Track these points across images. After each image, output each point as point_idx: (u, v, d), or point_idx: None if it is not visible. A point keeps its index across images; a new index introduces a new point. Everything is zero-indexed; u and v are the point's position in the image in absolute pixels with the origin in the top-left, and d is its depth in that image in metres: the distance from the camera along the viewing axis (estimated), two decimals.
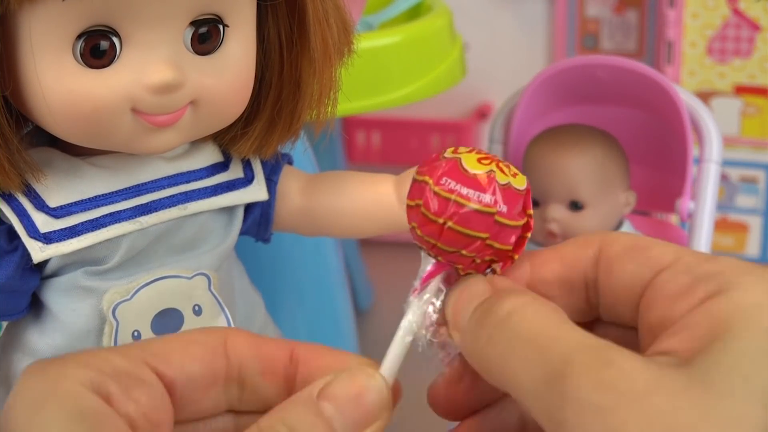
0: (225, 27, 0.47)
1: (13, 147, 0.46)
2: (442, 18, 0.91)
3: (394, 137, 1.44)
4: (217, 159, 0.54)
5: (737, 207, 1.33)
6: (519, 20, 1.32)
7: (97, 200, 0.50)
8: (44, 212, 0.48)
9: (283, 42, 0.51)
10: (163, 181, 0.51)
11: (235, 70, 0.48)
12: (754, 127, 1.27)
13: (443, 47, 0.89)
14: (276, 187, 0.56)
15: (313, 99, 0.52)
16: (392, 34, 0.85)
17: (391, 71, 0.83)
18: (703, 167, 0.93)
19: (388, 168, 0.74)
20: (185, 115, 0.47)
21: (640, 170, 0.98)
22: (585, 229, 0.89)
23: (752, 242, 1.34)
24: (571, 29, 1.32)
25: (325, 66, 0.51)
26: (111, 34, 0.44)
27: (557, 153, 0.90)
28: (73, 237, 0.49)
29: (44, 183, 0.48)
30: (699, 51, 1.24)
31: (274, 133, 0.53)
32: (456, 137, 1.40)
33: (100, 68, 0.44)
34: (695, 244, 0.91)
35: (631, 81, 0.95)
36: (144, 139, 0.47)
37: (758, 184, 1.31)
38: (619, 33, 1.32)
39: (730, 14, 1.22)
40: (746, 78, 1.24)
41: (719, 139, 0.94)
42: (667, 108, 0.93)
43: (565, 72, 0.98)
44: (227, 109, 0.49)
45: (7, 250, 0.48)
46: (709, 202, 0.92)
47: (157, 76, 0.45)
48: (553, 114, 1.01)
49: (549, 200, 0.90)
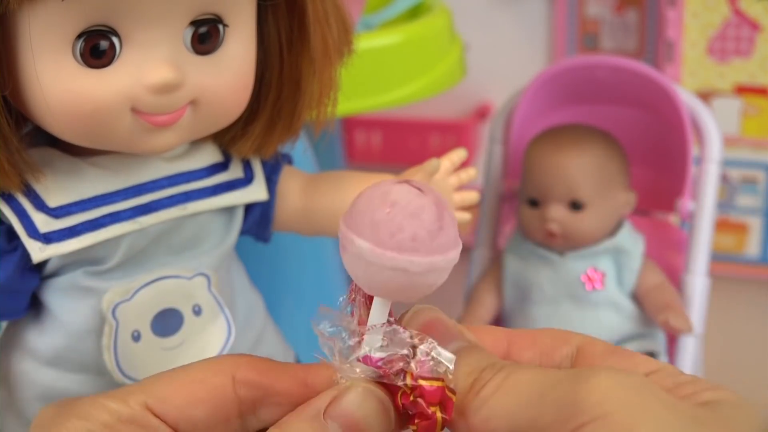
0: (225, 27, 0.47)
1: (12, 147, 0.46)
2: (442, 18, 0.91)
3: (394, 137, 1.44)
4: (217, 159, 0.54)
5: (737, 207, 1.33)
6: (519, 20, 1.32)
7: (97, 200, 0.49)
8: (44, 212, 0.48)
9: (283, 42, 0.51)
10: (162, 181, 0.51)
11: (235, 70, 0.48)
12: (755, 127, 1.27)
13: (443, 47, 0.89)
14: (276, 187, 0.56)
15: (313, 99, 0.52)
16: (392, 34, 0.85)
17: (391, 71, 0.83)
18: (704, 167, 0.93)
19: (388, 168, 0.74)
20: (185, 115, 0.47)
21: (640, 170, 0.98)
22: (585, 229, 0.89)
23: (752, 242, 1.34)
24: (571, 29, 1.32)
25: (325, 66, 0.51)
26: (111, 33, 0.44)
27: (557, 153, 0.90)
28: (73, 237, 0.49)
29: (44, 183, 0.48)
30: (699, 51, 1.24)
31: (274, 133, 0.53)
32: (456, 137, 1.39)
33: (99, 68, 0.44)
34: (695, 244, 0.91)
35: (631, 81, 0.95)
36: (144, 139, 0.47)
37: (758, 184, 1.31)
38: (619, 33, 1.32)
39: (731, 14, 1.22)
40: (746, 78, 1.24)
41: (719, 139, 0.94)
42: (668, 108, 0.94)
43: (566, 72, 0.98)
44: (227, 109, 0.49)
45: (6, 250, 0.48)
46: (709, 202, 0.92)
47: (157, 75, 0.45)
48: (553, 114, 1.01)
49: (549, 200, 0.90)
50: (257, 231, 0.57)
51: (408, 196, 0.28)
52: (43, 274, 0.50)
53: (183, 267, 0.52)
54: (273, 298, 0.64)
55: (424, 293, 0.29)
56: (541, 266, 0.92)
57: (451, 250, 0.28)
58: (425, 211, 0.28)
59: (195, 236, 0.53)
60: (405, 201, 0.28)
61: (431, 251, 0.28)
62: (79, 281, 0.50)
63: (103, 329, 0.50)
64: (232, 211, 0.55)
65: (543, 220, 0.89)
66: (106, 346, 0.50)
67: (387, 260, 0.28)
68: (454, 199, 0.57)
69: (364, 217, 0.28)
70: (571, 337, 0.31)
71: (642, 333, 0.92)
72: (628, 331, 0.91)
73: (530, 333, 0.32)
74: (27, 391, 0.53)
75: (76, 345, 0.51)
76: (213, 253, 0.53)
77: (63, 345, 0.51)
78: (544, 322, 0.91)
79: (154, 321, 0.51)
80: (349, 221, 0.29)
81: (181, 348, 0.52)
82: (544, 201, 0.90)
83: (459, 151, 0.58)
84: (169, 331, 0.52)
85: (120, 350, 0.50)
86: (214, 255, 0.53)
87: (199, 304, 0.52)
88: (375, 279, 0.28)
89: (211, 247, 0.53)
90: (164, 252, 0.52)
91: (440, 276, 0.29)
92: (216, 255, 0.53)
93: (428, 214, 0.28)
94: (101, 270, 0.50)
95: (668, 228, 1.03)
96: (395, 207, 0.28)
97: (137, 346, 0.51)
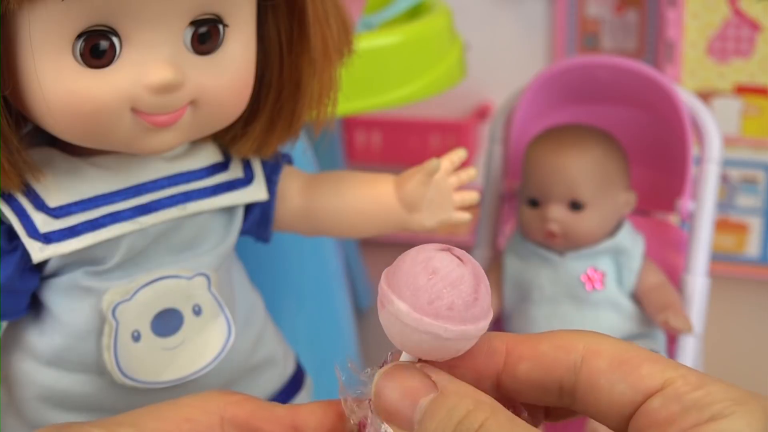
0: (225, 27, 0.47)
1: (12, 147, 0.46)
2: (442, 18, 0.91)
3: (394, 137, 1.44)
4: (217, 159, 0.54)
5: (737, 207, 1.33)
6: (519, 20, 1.32)
7: (97, 200, 0.49)
8: (44, 212, 0.48)
9: (283, 42, 0.51)
10: (162, 181, 0.51)
11: (235, 70, 0.48)
12: (755, 127, 1.27)
13: (443, 47, 0.89)
14: (276, 187, 0.56)
15: (313, 99, 0.52)
16: (392, 34, 0.85)
17: (391, 71, 0.83)
18: (704, 167, 0.93)
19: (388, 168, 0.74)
20: (185, 115, 0.47)
21: (640, 170, 0.98)
22: (585, 229, 0.89)
23: (752, 242, 1.34)
24: (571, 29, 1.32)
25: (325, 66, 0.51)
26: (111, 33, 0.44)
27: (557, 153, 0.90)
28: (73, 237, 0.49)
29: (44, 183, 0.48)
30: (699, 51, 1.24)
31: (274, 133, 0.53)
32: (456, 137, 1.39)
33: (99, 68, 0.44)
34: (695, 244, 0.91)
35: (631, 81, 0.95)
36: (144, 139, 0.47)
37: (758, 184, 1.31)
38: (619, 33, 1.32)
39: (731, 14, 1.22)
40: (746, 78, 1.24)
41: (719, 139, 0.94)
42: (667, 108, 0.93)
43: (566, 72, 0.98)
44: (227, 109, 0.49)
45: (6, 250, 0.48)
46: (709, 202, 0.92)
47: (157, 75, 0.45)
48: (553, 114, 1.01)
49: (549, 200, 0.89)
50: (257, 231, 0.57)
51: (450, 265, 0.30)
52: (43, 274, 0.50)
53: (183, 267, 0.52)
54: (273, 298, 0.64)
55: (452, 356, 0.30)
56: (541, 266, 0.92)
57: (482, 320, 0.30)
58: (464, 282, 0.30)
59: (195, 236, 0.53)
60: (446, 270, 0.30)
61: (465, 320, 0.29)
62: (79, 281, 0.50)
63: (103, 329, 0.50)
64: (232, 211, 0.55)
65: (543, 220, 0.89)
66: (106, 346, 0.50)
67: (423, 325, 0.29)
68: (454, 199, 0.57)
69: (406, 279, 0.30)
70: (575, 344, 0.30)
71: (642, 333, 0.92)
72: (628, 330, 0.91)
73: (530, 340, 0.31)
74: (27, 391, 0.53)
75: (76, 345, 0.51)
76: (213, 253, 0.53)
77: (63, 345, 0.51)
78: (543, 321, 0.91)
79: (154, 321, 0.51)
80: (390, 280, 0.30)
81: (181, 348, 0.52)
82: (544, 201, 0.90)
83: (459, 151, 0.58)
84: (169, 331, 0.52)
85: (120, 350, 0.50)
86: (214, 255, 0.53)
87: (199, 304, 0.52)
88: (408, 339, 0.30)
89: (211, 247, 0.53)
90: (164, 252, 0.52)
91: (469, 343, 0.30)
92: (216, 255, 0.53)
93: (466, 285, 0.30)
94: (101, 270, 0.50)
95: (668, 228, 1.03)
96: (437, 275, 0.30)
97: (137, 346, 0.51)
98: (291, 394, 0.60)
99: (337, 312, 0.84)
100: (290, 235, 0.60)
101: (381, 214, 0.57)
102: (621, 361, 0.29)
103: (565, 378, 0.30)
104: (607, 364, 0.30)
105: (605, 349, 0.30)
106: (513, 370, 0.31)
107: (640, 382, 0.29)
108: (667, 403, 0.28)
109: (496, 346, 0.32)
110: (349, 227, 0.58)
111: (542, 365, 0.31)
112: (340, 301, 0.84)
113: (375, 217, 0.57)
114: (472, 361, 0.31)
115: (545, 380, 0.31)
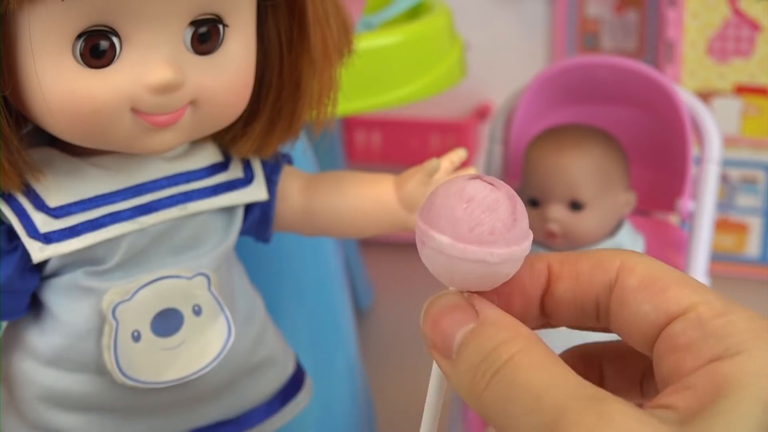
0: (225, 27, 0.47)
1: (13, 147, 0.46)
2: (442, 18, 0.91)
3: (394, 137, 1.44)
4: (217, 159, 0.54)
5: (737, 207, 1.33)
6: (519, 20, 1.32)
7: (97, 200, 0.50)
8: (44, 212, 0.48)
9: (283, 42, 0.51)
10: (162, 181, 0.51)
11: (235, 70, 0.48)
12: (755, 127, 1.27)
13: (443, 47, 0.89)
14: (276, 187, 0.56)
15: (313, 99, 0.52)
16: (392, 34, 0.85)
17: (391, 71, 0.83)
18: (704, 167, 0.93)
19: (388, 168, 0.74)
20: (185, 115, 0.47)
21: (640, 170, 0.98)
22: (585, 229, 0.89)
23: (752, 242, 1.34)
24: (571, 29, 1.32)
25: (325, 66, 0.51)
26: (111, 33, 0.44)
27: (557, 153, 0.90)
28: (73, 237, 0.49)
29: (44, 183, 0.48)
30: (699, 51, 1.24)
31: (274, 133, 0.53)
32: (456, 137, 1.39)
33: (100, 68, 0.44)
34: (695, 244, 0.91)
35: (631, 81, 0.95)
36: (144, 139, 0.47)
37: (758, 184, 1.31)
38: (619, 33, 1.32)
39: (731, 14, 1.22)
40: (746, 78, 1.24)
41: (719, 139, 0.94)
42: (667, 108, 0.93)
43: (566, 72, 0.98)
44: (227, 109, 0.49)
45: (6, 250, 0.48)
46: (709, 202, 0.92)
47: (157, 75, 0.45)
48: (553, 114, 1.01)
49: (549, 200, 0.90)
50: (257, 231, 0.57)
51: (484, 191, 0.29)
52: (43, 274, 0.50)
53: (183, 267, 0.52)
54: (273, 298, 0.64)
55: (501, 281, 0.30)
56: None
57: (525, 241, 0.30)
58: (501, 205, 0.29)
59: (195, 236, 0.53)
60: (481, 196, 0.29)
61: (508, 242, 0.29)
62: (79, 281, 0.50)
63: (103, 329, 0.50)
64: (232, 211, 0.55)
65: (543, 220, 0.89)
66: (106, 346, 0.50)
67: (468, 253, 0.29)
68: None
69: (442, 212, 0.29)
70: (612, 262, 0.30)
71: None
72: None
73: (570, 260, 0.31)
74: (27, 391, 0.53)
75: (76, 345, 0.51)
76: (213, 254, 0.53)
77: (63, 345, 0.51)
78: None
79: (154, 321, 0.51)
80: (426, 218, 0.30)
81: (181, 348, 0.52)
82: (545, 201, 0.90)
83: (459, 151, 0.58)
84: (169, 331, 0.52)
85: (120, 350, 0.50)
86: (214, 255, 0.53)
87: (199, 304, 0.52)
88: (455, 271, 0.30)
89: (211, 247, 0.53)
90: (164, 252, 0.52)
91: (516, 265, 0.30)
92: (216, 255, 0.53)
93: (504, 208, 0.29)
94: (101, 270, 0.50)
95: (668, 228, 1.03)
96: (472, 202, 0.29)
97: (137, 346, 0.51)
98: (291, 394, 0.60)
99: (337, 312, 0.84)
100: (290, 235, 0.60)
101: (381, 213, 0.57)
102: (651, 280, 0.29)
103: (601, 296, 0.30)
104: (637, 282, 0.29)
105: (639, 267, 0.29)
106: (553, 290, 0.31)
107: (665, 304, 0.28)
108: (688, 329, 0.27)
109: (539, 267, 0.31)
110: (349, 227, 0.58)
111: (581, 284, 0.30)
112: (340, 301, 0.84)
113: (375, 216, 0.57)
114: (519, 286, 0.31)
115: (583, 300, 0.30)
